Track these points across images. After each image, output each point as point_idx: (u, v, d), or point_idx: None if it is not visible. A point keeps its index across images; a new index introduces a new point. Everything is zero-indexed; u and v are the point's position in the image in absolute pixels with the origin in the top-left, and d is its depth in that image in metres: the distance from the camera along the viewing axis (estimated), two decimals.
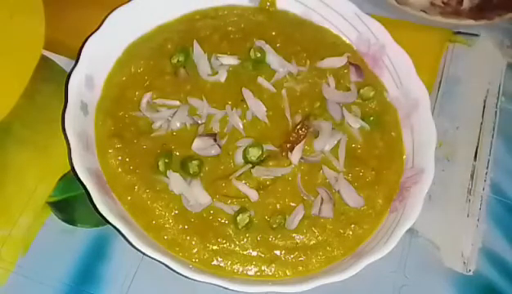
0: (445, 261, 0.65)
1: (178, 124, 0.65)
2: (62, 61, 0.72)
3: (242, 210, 0.61)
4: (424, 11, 0.81)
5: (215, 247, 0.60)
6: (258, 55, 0.69)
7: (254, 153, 0.63)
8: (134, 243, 0.56)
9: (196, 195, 0.61)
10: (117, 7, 0.69)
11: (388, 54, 0.70)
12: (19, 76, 0.71)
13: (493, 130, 0.74)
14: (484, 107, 0.76)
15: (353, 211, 0.63)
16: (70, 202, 0.64)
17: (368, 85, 0.70)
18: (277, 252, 0.60)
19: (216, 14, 0.74)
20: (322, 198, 0.62)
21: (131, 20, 0.69)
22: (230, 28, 0.72)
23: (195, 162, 0.62)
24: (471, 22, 0.81)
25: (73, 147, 0.59)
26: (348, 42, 0.73)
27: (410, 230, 0.62)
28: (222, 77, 0.68)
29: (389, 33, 0.70)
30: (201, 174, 0.62)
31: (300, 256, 0.60)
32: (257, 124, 0.65)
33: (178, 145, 0.64)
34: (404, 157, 0.67)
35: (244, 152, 0.63)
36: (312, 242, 0.61)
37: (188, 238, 0.60)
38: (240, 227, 0.60)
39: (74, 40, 0.69)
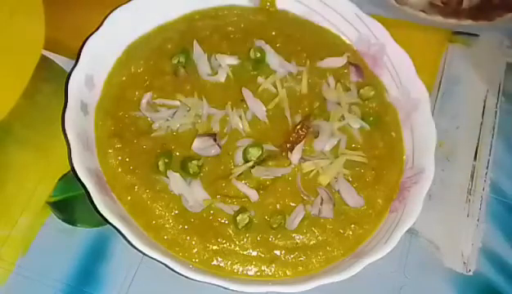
0: (445, 261, 0.65)
1: (178, 124, 0.65)
2: (62, 61, 0.72)
3: (242, 210, 0.61)
4: (423, 11, 0.81)
5: (215, 247, 0.60)
6: (258, 55, 0.69)
7: (254, 153, 0.63)
8: (134, 243, 0.56)
9: (196, 195, 0.61)
10: (117, 7, 0.69)
11: (388, 54, 0.70)
12: (19, 76, 0.71)
13: (493, 130, 0.74)
14: (484, 107, 0.76)
15: (353, 211, 0.63)
16: (70, 202, 0.64)
17: (368, 85, 0.70)
18: (277, 252, 0.60)
19: (216, 14, 0.74)
20: (322, 198, 0.62)
21: (131, 20, 0.69)
22: (230, 28, 0.72)
23: (194, 162, 0.62)
24: (470, 22, 0.81)
25: (73, 147, 0.59)
26: (348, 42, 0.73)
27: (410, 230, 0.62)
28: (222, 77, 0.68)
29: (389, 33, 0.70)
30: (201, 174, 0.62)
31: (300, 256, 0.60)
32: (257, 124, 0.65)
33: (178, 145, 0.64)
34: (404, 157, 0.67)
35: (244, 152, 0.63)
36: (312, 242, 0.61)
37: (188, 238, 0.60)
38: (240, 227, 0.60)
39: (74, 40, 0.69)
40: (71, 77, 0.64)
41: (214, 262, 0.59)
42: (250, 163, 0.63)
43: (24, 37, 0.74)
